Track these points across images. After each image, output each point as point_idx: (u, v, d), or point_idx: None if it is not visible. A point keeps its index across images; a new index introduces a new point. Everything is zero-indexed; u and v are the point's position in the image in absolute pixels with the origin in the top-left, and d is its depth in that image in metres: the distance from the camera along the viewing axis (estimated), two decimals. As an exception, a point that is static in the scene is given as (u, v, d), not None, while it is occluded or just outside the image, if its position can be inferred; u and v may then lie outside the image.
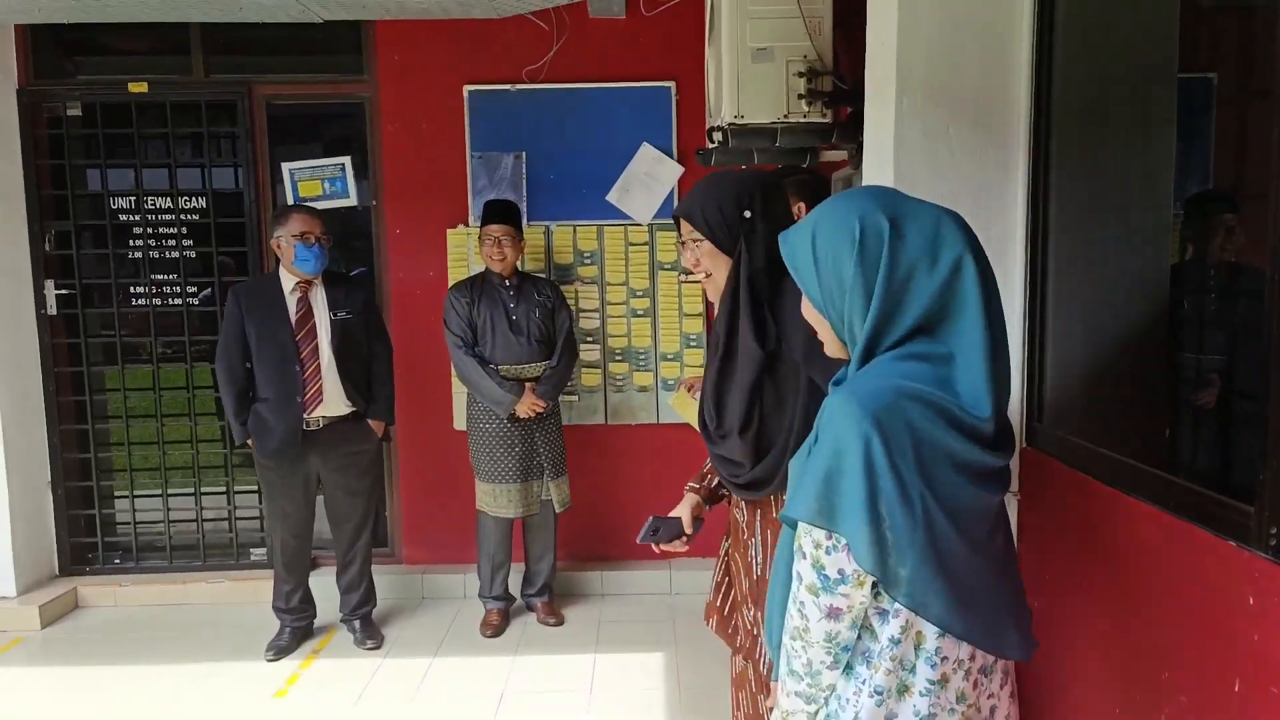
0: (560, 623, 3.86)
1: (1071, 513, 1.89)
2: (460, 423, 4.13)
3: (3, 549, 3.95)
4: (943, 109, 2.04)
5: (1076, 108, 1.96)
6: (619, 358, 4.17)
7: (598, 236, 4.12)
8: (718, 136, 3.01)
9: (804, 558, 1.21)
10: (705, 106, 3.62)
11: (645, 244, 4.12)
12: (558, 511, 3.82)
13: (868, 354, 1.23)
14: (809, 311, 1.31)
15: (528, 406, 3.63)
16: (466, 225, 4.09)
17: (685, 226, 1.94)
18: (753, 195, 1.89)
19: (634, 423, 4.20)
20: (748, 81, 2.91)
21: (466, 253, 4.10)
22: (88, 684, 3.37)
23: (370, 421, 3.60)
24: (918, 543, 1.15)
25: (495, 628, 3.77)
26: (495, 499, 3.72)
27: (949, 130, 2.05)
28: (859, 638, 1.23)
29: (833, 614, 1.19)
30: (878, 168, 2.17)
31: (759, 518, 1.99)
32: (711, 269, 1.95)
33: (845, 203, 1.26)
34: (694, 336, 4.15)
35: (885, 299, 1.20)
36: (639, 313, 4.15)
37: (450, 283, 4.04)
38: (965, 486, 1.19)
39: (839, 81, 2.92)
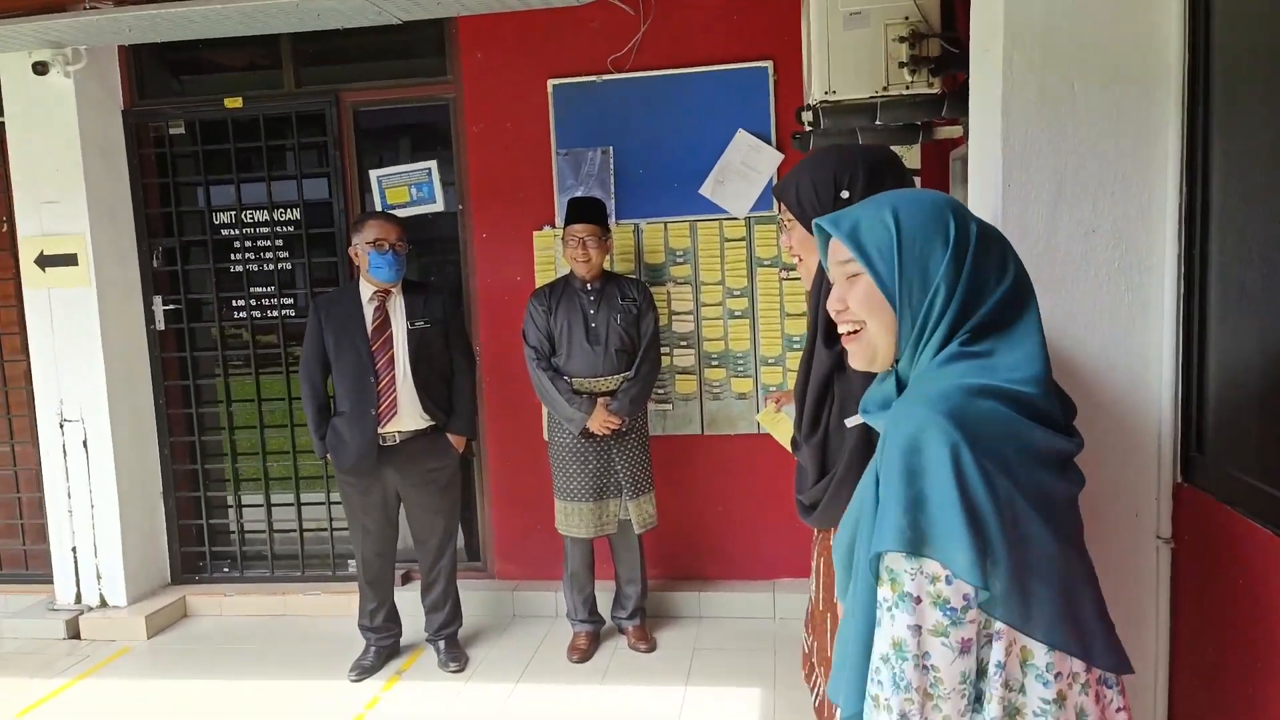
0: (652, 648, 3.61)
1: (1242, 571, 1.47)
2: (549, 434, 3.95)
3: (114, 560, 4.06)
4: (1066, 65, 1.65)
5: (1251, 53, 1.52)
6: (715, 363, 3.87)
7: (690, 233, 3.83)
8: (808, 117, 2.67)
9: (916, 602, 1.07)
10: (803, 85, 3.28)
11: (742, 239, 3.80)
12: (638, 532, 3.57)
13: (932, 352, 1.17)
14: (863, 296, 1.20)
15: (600, 423, 3.39)
16: (553, 226, 3.89)
17: (780, 206, 1.73)
18: (853, 174, 1.62)
19: (732, 433, 3.89)
20: (840, 51, 2.57)
21: (554, 255, 3.90)
22: (175, 698, 3.37)
23: (449, 436, 3.46)
24: (1014, 550, 1.06)
25: (583, 652, 3.55)
26: (568, 518, 3.50)
27: (1074, 90, 1.65)
28: None
29: (965, 649, 1.07)
30: (982, 141, 1.79)
31: (816, 542, 1.78)
32: (803, 254, 1.72)
33: (928, 200, 1.20)
34: (797, 339, 3.80)
35: (964, 300, 1.15)
36: (736, 314, 3.84)
37: (537, 283, 3.87)
38: (1051, 479, 1.12)
39: (947, 45, 2.53)
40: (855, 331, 1.23)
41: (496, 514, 4.14)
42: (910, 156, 3.52)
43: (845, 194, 1.62)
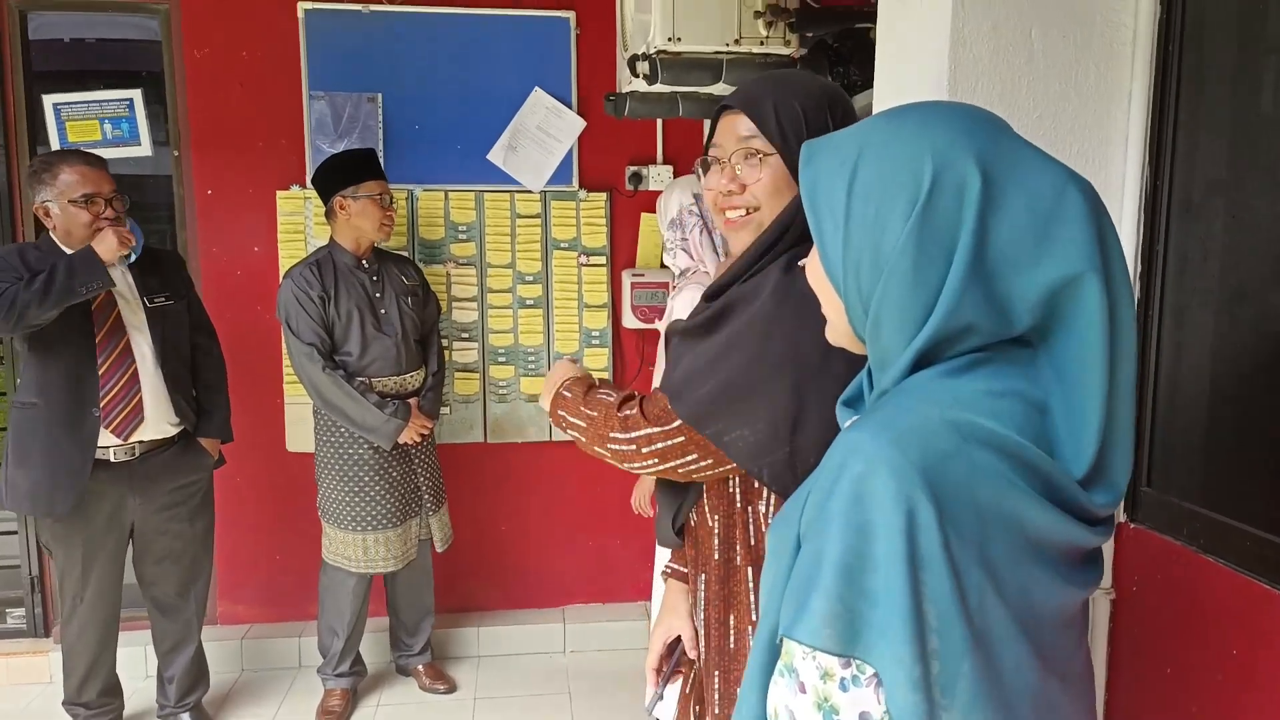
0: (452, 688, 3.05)
1: (1199, 618, 1.21)
2: (296, 443, 3.21)
3: None
4: (1023, 4, 1.31)
5: (1226, 15, 1.26)
6: (502, 359, 3.33)
7: (477, 205, 3.25)
8: (643, 69, 2.22)
9: (799, 691, 0.77)
10: (617, 41, 2.82)
11: (538, 216, 3.28)
12: (440, 550, 2.97)
13: (911, 369, 0.80)
14: (813, 272, 0.87)
15: (416, 430, 2.76)
16: (303, 186, 3.15)
17: (743, 126, 1.18)
18: (846, 109, 1.19)
19: (521, 440, 3.36)
20: (686, -8, 2.13)
21: (304, 222, 3.16)
22: None
23: (203, 441, 2.66)
24: (974, 674, 0.72)
25: (338, 715, 2.87)
26: (366, 551, 2.79)
27: (1031, 38, 1.32)
28: None
29: None
30: (902, 98, 1.42)
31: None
32: (763, 200, 1.19)
33: (915, 126, 0.79)
34: (596, 333, 3.35)
35: (957, 303, 0.75)
36: (528, 303, 3.31)
37: (281, 256, 3.13)
38: (1049, 582, 0.77)
39: (809, -2, 2.18)
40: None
41: (221, 542, 3.29)
42: (728, 135, 3.19)
43: None
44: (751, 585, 1.19)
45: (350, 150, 2.84)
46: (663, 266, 3.29)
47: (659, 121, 3.24)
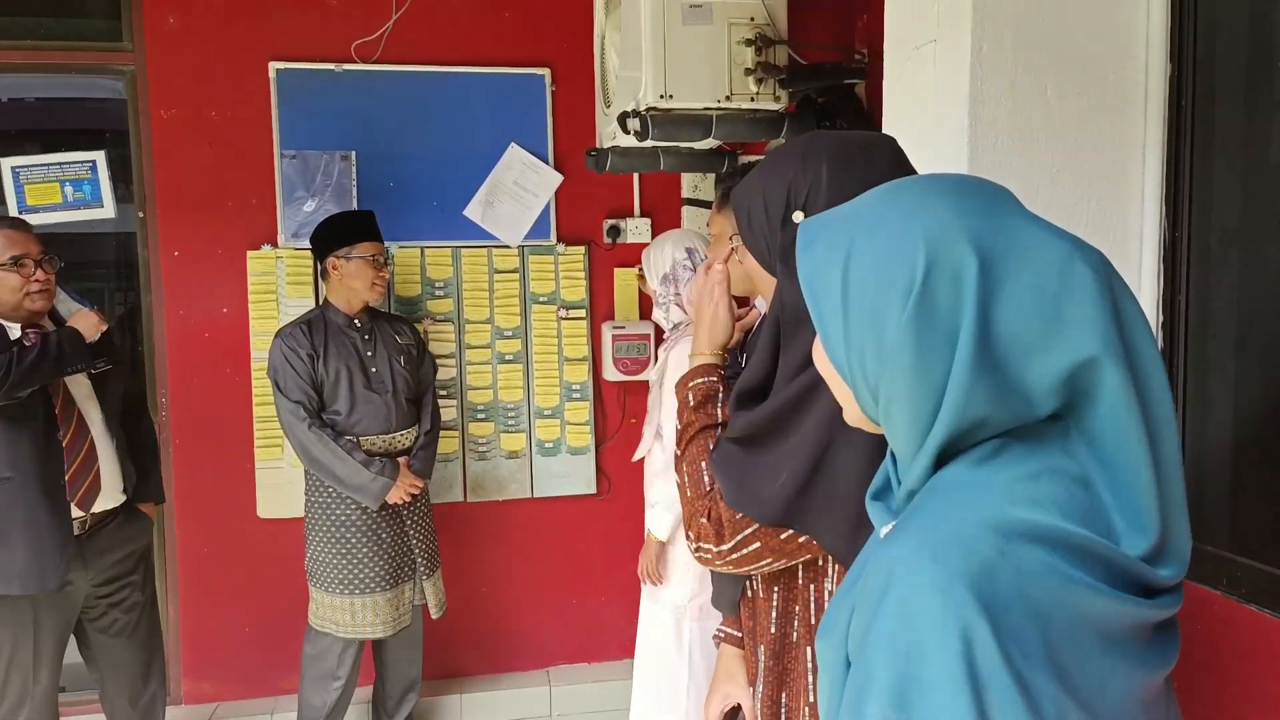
0: None
1: (1241, 667, 1.21)
2: (269, 509, 3.09)
3: None
4: (1039, 61, 1.35)
5: (1238, 63, 1.31)
6: (482, 415, 3.27)
7: (454, 261, 3.22)
8: (633, 125, 2.23)
9: None
10: (596, 97, 2.84)
11: (515, 271, 3.26)
12: (436, 616, 2.87)
13: (934, 465, 0.75)
14: (819, 360, 0.83)
15: (405, 489, 2.69)
16: (274, 246, 3.08)
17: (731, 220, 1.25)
18: (814, 180, 1.14)
19: (501, 498, 3.29)
20: (679, 49, 2.15)
21: (275, 282, 3.08)
22: None
23: (143, 507, 2.53)
24: None
25: (325, 795, 2.73)
26: (356, 616, 2.69)
27: (1047, 93, 1.36)
28: None
29: None
30: (932, 152, 1.44)
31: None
32: (757, 289, 1.29)
33: (906, 209, 0.75)
34: (577, 387, 3.31)
35: (967, 395, 0.70)
36: (507, 358, 3.27)
37: (253, 316, 3.05)
38: (1127, 670, 0.71)
39: (796, 56, 2.22)
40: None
41: (186, 615, 3.15)
42: (705, 186, 3.22)
43: (798, 215, 1.16)
44: (810, 665, 1.14)
45: (347, 211, 2.85)
46: (642, 319, 3.29)
47: (635, 175, 3.26)
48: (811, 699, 1.14)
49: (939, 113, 1.41)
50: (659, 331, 3.19)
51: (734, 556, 1.12)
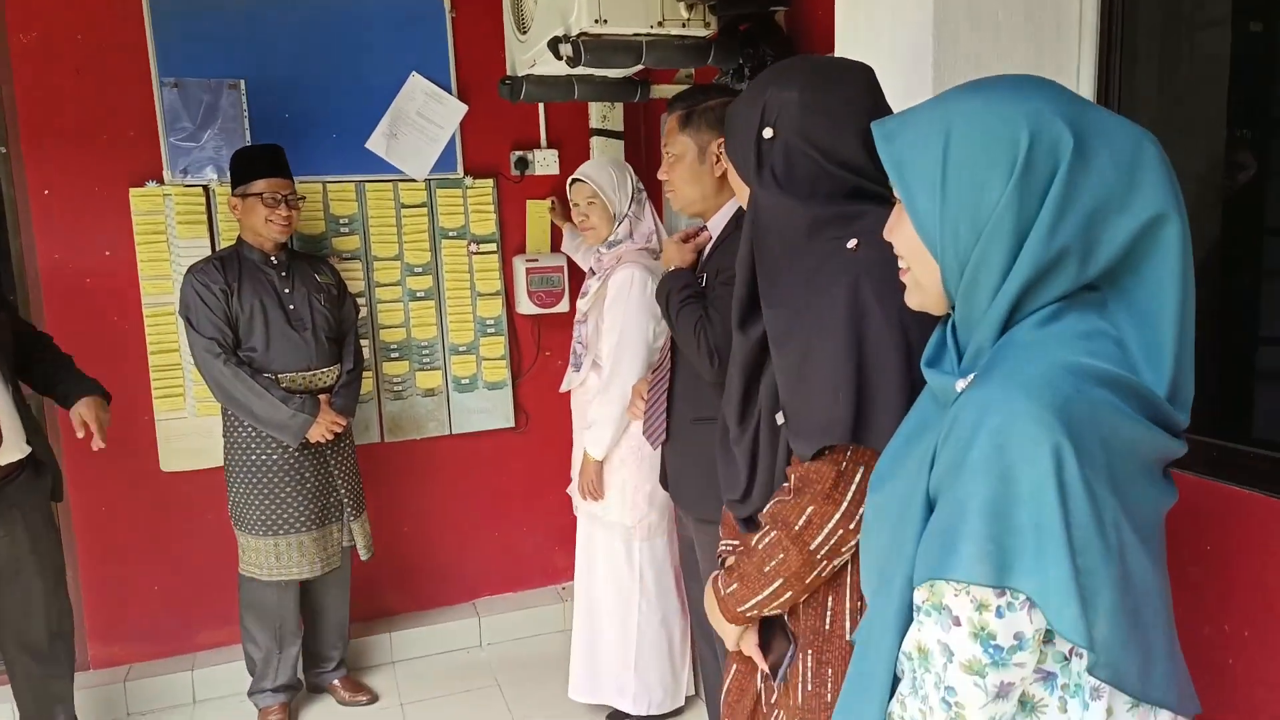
0: (374, 699, 2.94)
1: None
2: (171, 462, 2.95)
3: None
4: (994, 17, 1.46)
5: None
6: (395, 355, 3.21)
7: (358, 196, 3.11)
8: (566, 51, 2.22)
9: (952, 625, 0.86)
10: (506, 24, 2.79)
11: (423, 206, 3.18)
12: (363, 558, 2.85)
13: (1008, 318, 0.89)
14: (905, 240, 0.94)
15: (326, 427, 2.62)
16: (160, 182, 2.88)
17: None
18: (784, 104, 1.24)
19: (419, 436, 3.26)
20: (611, -27, 2.15)
21: (164, 221, 2.89)
22: None
23: (84, 402, 2.35)
24: (1111, 583, 0.84)
25: (279, 735, 2.70)
26: (281, 557, 2.64)
27: (999, 15, 1.48)
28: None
29: (1003, 692, 0.87)
30: (895, 70, 1.54)
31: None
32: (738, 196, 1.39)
33: (1004, 97, 0.87)
34: (491, 322, 3.30)
35: (1048, 246, 0.85)
36: (419, 295, 3.21)
37: (141, 259, 2.86)
38: (1155, 494, 0.90)
39: (725, -20, 2.27)
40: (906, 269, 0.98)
41: (87, 575, 2.98)
42: (613, 117, 3.24)
43: (769, 132, 1.25)
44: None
45: (248, 146, 2.71)
46: (553, 250, 3.29)
47: (541, 105, 3.23)
48: (857, 600, 1.24)
49: (897, 36, 1.51)
50: (571, 264, 3.22)
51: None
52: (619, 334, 2.45)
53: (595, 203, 2.54)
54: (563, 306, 3.25)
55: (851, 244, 1.15)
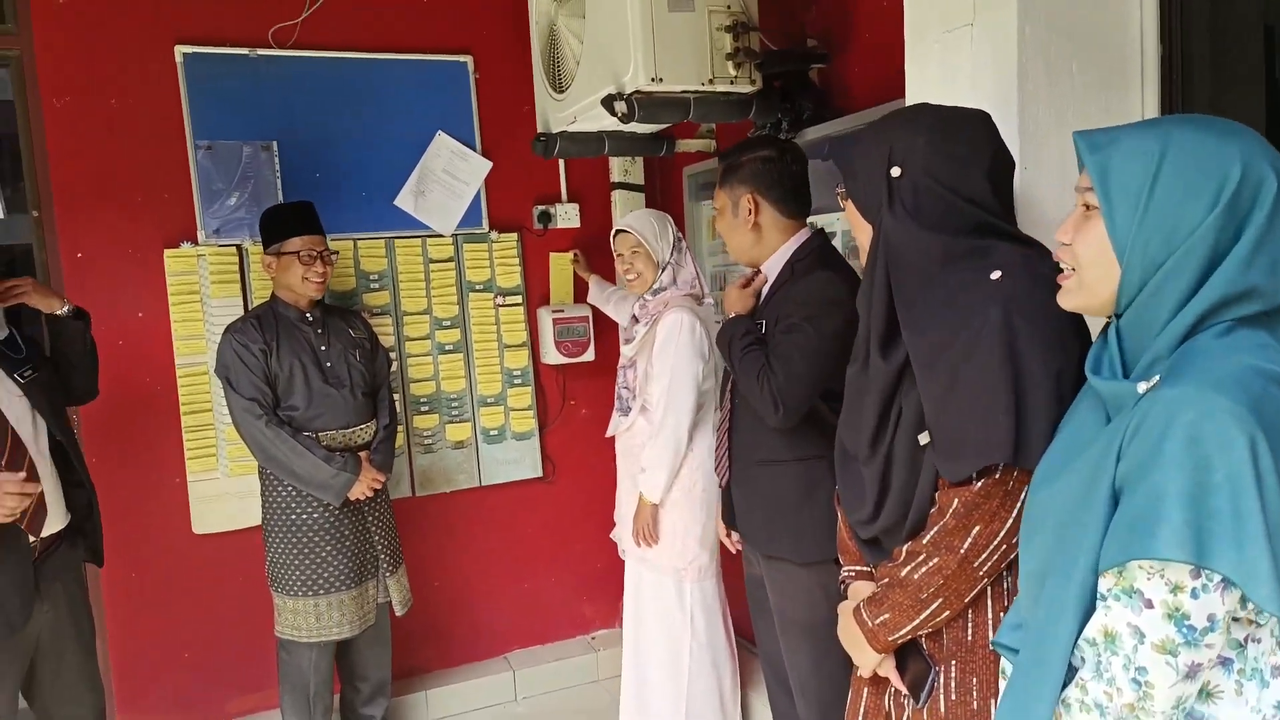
0: None
1: None
2: (205, 524, 2.90)
3: None
4: (1063, 39, 1.60)
5: (1206, 44, 1.63)
6: (425, 408, 3.22)
7: (388, 253, 3.15)
8: (620, 108, 2.32)
9: (1144, 608, 0.94)
10: (538, 83, 2.90)
11: (450, 260, 3.23)
12: (400, 614, 2.81)
13: (1189, 330, 0.99)
14: (1088, 242, 1.04)
15: (368, 484, 2.61)
16: (195, 243, 2.88)
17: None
18: (911, 147, 1.34)
19: (450, 489, 3.26)
20: (666, 35, 2.28)
21: (198, 281, 2.88)
22: None
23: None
24: None
25: (311, 807, 2.63)
26: (321, 618, 2.59)
27: (1073, 68, 1.61)
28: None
29: (1192, 673, 0.94)
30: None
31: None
32: (858, 236, 1.47)
33: (1221, 133, 0.99)
34: (518, 373, 3.34)
35: (1240, 279, 0.96)
36: (447, 348, 3.24)
37: (174, 319, 2.86)
38: None
39: (768, 42, 2.41)
40: (1071, 269, 1.09)
41: (115, 637, 2.89)
42: (634, 171, 3.35)
43: (896, 170, 1.35)
44: (1004, 580, 1.30)
45: (279, 205, 2.72)
46: (576, 301, 3.36)
47: (561, 162, 3.33)
48: (998, 613, 1.31)
49: (979, 90, 1.64)
50: (596, 314, 3.29)
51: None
52: (669, 377, 2.51)
53: (639, 251, 2.62)
54: (588, 356, 3.31)
55: (996, 275, 1.25)
